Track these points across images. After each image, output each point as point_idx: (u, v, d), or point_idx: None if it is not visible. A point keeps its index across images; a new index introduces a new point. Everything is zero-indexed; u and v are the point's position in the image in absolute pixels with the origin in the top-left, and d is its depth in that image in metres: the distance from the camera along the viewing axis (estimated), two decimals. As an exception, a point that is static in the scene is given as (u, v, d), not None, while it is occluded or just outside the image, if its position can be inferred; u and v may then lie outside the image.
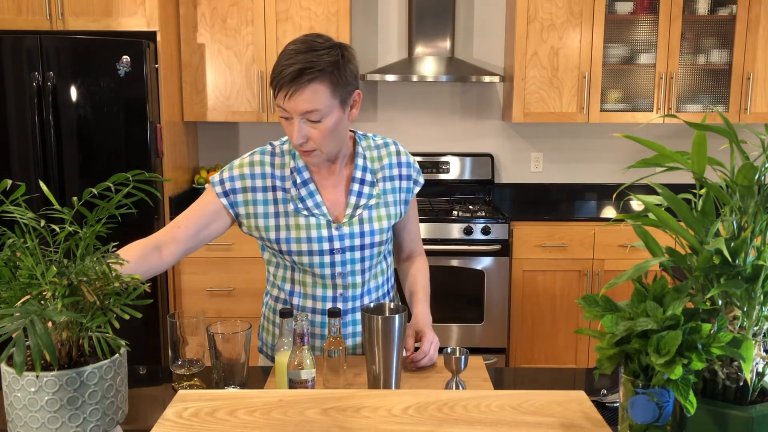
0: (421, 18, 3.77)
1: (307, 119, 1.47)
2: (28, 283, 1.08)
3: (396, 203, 1.68)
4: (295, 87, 1.43)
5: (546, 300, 3.59)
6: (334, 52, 1.45)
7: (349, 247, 1.61)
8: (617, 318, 1.00)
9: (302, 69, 1.42)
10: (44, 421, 1.06)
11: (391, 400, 1.18)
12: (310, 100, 1.44)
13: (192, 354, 1.45)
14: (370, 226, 1.62)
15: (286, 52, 1.46)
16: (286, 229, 1.59)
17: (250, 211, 1.59)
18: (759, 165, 0.92)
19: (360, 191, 1.63)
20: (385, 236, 1.67)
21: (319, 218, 1.59)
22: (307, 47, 1.44)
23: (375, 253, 1.66)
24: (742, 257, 0.95)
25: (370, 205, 1.63)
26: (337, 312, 1.44)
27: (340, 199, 1.63)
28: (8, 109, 3.19)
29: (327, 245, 1.59)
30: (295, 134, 1.47)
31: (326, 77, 1.44)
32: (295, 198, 1.59)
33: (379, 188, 1.65)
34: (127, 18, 3.32)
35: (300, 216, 1.59)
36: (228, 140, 4.09)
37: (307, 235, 1.58)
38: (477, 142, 4.11)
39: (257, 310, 3.51)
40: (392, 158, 1.69)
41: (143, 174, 1.19)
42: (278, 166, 1.61)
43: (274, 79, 1.46)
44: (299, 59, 1.43)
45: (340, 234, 1.60)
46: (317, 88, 1.43)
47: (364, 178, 1.64)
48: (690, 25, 3.72)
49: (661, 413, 0.97)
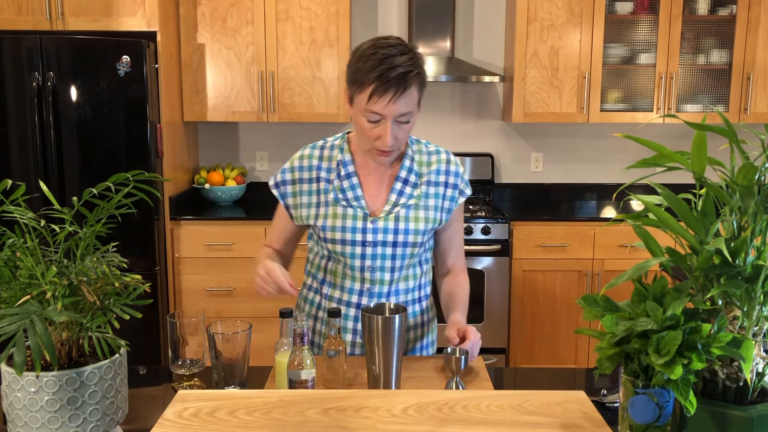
0: (421, 18, 3.77)
1: (399, 121, 1.52)
2: (28, 283, 1.08)
3: (437, 209, 1.68)
4: (402, 90, 1.47)
5: (546, 300, 3.59)
6: (417, 54, 1.52)
7: (382, 242, 1.63)
8: (617, 318, 1.00)
9: (406, 72, 1.47)
10: (44, 422, 1.06)
11: (391, 400, 1.18)
12: (409, 102, 1.50)
13: (192, 354, 1.45)
14: (406, 225, 1.64)
15: (376, 55, 1.47)
16: (324, 217, 1.65)
17: (297, 201, 1.69)
18: (759, 165, 0.92)
19: (402, 190, 1.66)
20: (420, 239, 1.66)
21: (357, 210, 1.64)
22: (397, 50, 1.48)
23: (407, 254, 1.66)
24: (742, 257, 0.95)
25: (408, 204, 1.65)
26: (337, 312, 1.44)
27: (381, 195, 1.67)
28: (8, 109, 3.19)
29: (360, 236, 1.63)
30: (389, 136, 1.51)
31: (420, 79, 1.51)
32: (337, 189, 1.65)
33: (421, 190, 1.67)
34: (127, 18, 3.32)
35: (338, 206, 1.65)
36: (228, 140, 4.09)
37: (342, 225, 1.63)
38: (477, 142, 4.11)
39: (257, 310, 3.51)
40: (441, 165, 1.70)
41: (143, 174, 1.19)
42: (326, 159, 1.68)
43: (371, 83, 1.46)
44: (401, 62, 1.46)
45: (375, 228, 1.63)
46: (413, 90, 1.50)
47: (407, 178, 1.67)
48: (690, 25, 3.72)
49: (661, 413, 0.97)
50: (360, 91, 1.49)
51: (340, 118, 3.70)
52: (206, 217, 3.51)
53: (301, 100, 3.69)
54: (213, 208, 3.76)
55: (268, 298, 1.53)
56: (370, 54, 1.48)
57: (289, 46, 3.64)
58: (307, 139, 4.07)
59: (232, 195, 3.87)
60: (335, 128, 4.05)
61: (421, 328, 1.76)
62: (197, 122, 3.99)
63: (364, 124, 1.53)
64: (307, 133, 4.07)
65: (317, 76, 3.67)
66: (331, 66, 3.66)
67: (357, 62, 1.50)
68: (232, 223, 3.50)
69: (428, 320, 1.78)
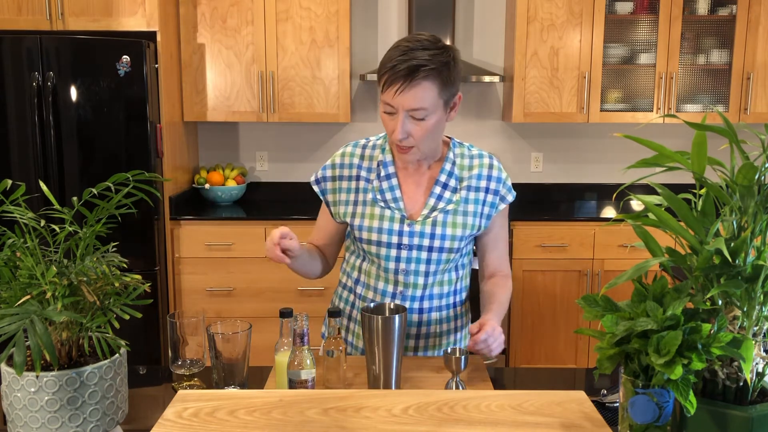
0: (421, 18, 3.77)
1: (412, 116, 1.51)
2: (28, 283, 1.08)
3: (476, 215, 1.64)
4: (409, 83, 1.46)
5: (546, 300, 3.59)
6: (446, 53, 1.50)
7: (417, 245, 1.62)
8: (617, 318, 1.00)
9: (417, 66, 1.46)
10: (44, 422, 1.06)
11: (391, 400, 1.18)
12: (420, 97, 1.48)
13: (192, 354, 1.45)
14: (443, 230, 1.62)
15: (399, 47, 1.49)
16: (362, 216, 1.64)
17: (336, 198, 1.69)
18: (759, 165, 0.92)
19: (441, 195, 1.64)
20: (457, 245, 1.63)
21: (394, 212, 1.63)
22: (421, 45, 1.48)
23: (443, 259, 1.64)
24: (742, 257, 0.95)
25: (447, 209, 1.63)
26: (337, 312, 1.44)
27: (420, 199, 1.65)
28: (8, 109, 3.19)
29: (396, 239, 1.62)
30: (399, 129, 1.51)
31: (437, 76, 1.48)
32: (376, 189, 1.65)
33: (460, 195, 1.64)
34: (127, 18, 3.32)
35: (376, 206, 1.64)
36: (228, 140, 4.09)
37: (379, 226, 1.63)
38: (477, 142, 4.11)
39: (257, 310, 3.51)
40: (483, 170, 1.67)
41: (143, 174, 1.19)
42: (366, 158, 1.69)
43: (385, 73, 1.49)
44: (415, 56, 1.46)
45: (411, 231, 1.62)
46: (427, 86, 1.48)
47: (447, 182, 1.65)
48: (690, 25, 3.72)
49: (661, 413, 0.97)
50: (379, 81, 1.52)
51: (340, 118, 3.70)
52: (206, 217, 3.51)
53: (301, 100, 3.69)
54: (213, 208, 3.76)
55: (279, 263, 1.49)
56: (395, 47, 1.51)
57: (289, 46, 3.64)
58: (308, 139, 4.07)
59: (232, 195, 3.87)
60: (335, 128, 4.05)
61: (454, 334, 1.74)
62: (197, 122, 3.99)
63: (383, 116, 1.55)
64: (307, 133, 4.07)
65: (317, 76, 3.67)
66: (331, 66, 3.66)
67: (386, 54, 1.52)
68: (232, 223, 3.50)
69: (462, 326, 1.76)
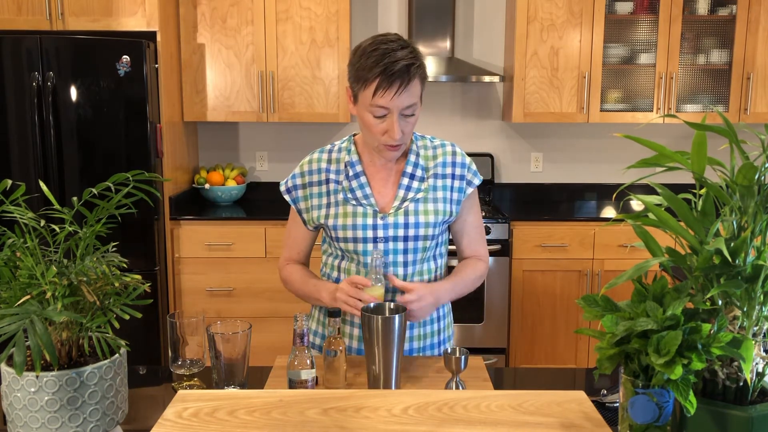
0: (420, 18, 3.77)
1: (404, 114, 1.55)
2: (28, 283, 1.08)
3: (446, 201, 1.69)
4: (407, 82, 1.50)
5: (546, 300, 3.59)
6: (417, 49, 1.56)
7: (393, 237, 1.65)
8: (617, 318, 1.00)
9: (409, 64, 1.50)
10: (44, 422, 1.06)
11: (391, 400, 1.18)
12: (413, 94, 1.54)
13: (192, 354, 1.45)
14: (416, 219, 1.65)
15: (377, 50, 1.50)
16: (335, 216, 1.67)
17: (308, 204, 1.71)
18: (759, 165, 0.92)
19: (409, 185, 1.68)
20: (432, 231, 1.67)
21: (366, 208, 1.66)
22: (397, 45, 1.52)
23: (420, 248, 1.67)
24: (742, 257, 0.95)
25: (417, 198, 1.67)
26: (337, 312, 1.44)
27: (389, 192, 1.69)
28: (8, 109, 3.19)
29: (371, 233, 1.65)
30: (396, 130, 1.54)
31: (422, 72, 1.55)
32: (346, 189, 1.67)
33: (428, 184, 1.69)
34: (127, 18, 3.32)
35: (348, 205, 1.67)
36: (228, 140, 4.09)
37: (353, 223, 1.65)
38: (477, 142, 4.11)
39: (257, 310, 3.51)
40: (447, 157, 1.72)
41: (143, 174, 1.19)
42: (333, 161, 1.72)
43: (376, 77, 1.49)
44: (402, 55, 1.50)
45: (385, 224, 1.65)
46: (416, 82, 1.54)
47: (414, 173, 1.69)
48: (690, 25, 3.72)
49: (661, 413, 0.97)
50: (365, 88, 1.52)
51: (340, 118, 3.70)
52: (206, 217, 3.51)
53: (301, 100, 3.69)
54: (213, 208, 3.76)
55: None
56: (372, 50, 1.51)
57: (289, 46, 3.64)
58: (307, 138, 4.07)
59: (232, 195, 3.87)
60: (335, 128, 4.05)
61: (437, 322, 1.76)
62: (197, 122, 3.99)
63: (370, 120, 1.55)
64: (307, 133, 4.07)
65: (317, 76, 3.67)
66: (331, 66, 3.66)
67: (359, 60, 1.52)
68: (232, 223, 3.50)
69: (443, 315, 1.78)
